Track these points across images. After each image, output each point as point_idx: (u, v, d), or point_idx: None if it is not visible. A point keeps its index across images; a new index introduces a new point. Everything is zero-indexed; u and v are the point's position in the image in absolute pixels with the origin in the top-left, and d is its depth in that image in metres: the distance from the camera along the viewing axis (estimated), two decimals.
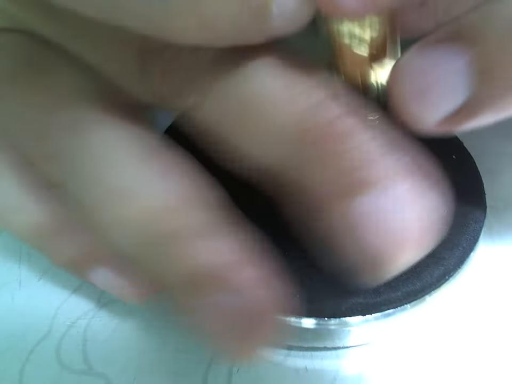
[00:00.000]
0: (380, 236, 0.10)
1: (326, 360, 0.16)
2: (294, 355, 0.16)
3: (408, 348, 0.16)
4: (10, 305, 0.17)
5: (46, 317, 0.17)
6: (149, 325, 0.17)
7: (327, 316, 0.15)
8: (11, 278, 0.18)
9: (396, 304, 0.15)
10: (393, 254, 0.10)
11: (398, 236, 0.10)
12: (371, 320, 0.15)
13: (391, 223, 0.10)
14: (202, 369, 0.16)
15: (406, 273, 0.15)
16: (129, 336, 0.17)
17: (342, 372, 0.16)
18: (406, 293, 0.15)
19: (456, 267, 0.16)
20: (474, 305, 0.17)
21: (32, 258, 0.19)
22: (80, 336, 0.17)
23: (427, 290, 0.15)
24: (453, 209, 0.17)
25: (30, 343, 0.16)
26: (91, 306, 0.17)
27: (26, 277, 0.18)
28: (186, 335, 0.17)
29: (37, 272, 0.18)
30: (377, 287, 0.15)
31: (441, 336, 0.17)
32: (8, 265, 0.19)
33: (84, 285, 0.18)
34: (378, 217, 0.10)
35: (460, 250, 0.16)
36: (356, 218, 0.10)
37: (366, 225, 0.10)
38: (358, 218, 0.10)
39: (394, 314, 0.15)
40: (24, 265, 0.19)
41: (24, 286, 0.18)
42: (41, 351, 0.16)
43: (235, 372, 0.16)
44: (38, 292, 0.18)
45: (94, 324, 0.17)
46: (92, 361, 0.16)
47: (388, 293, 0.15)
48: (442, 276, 0.15)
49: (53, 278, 0.18)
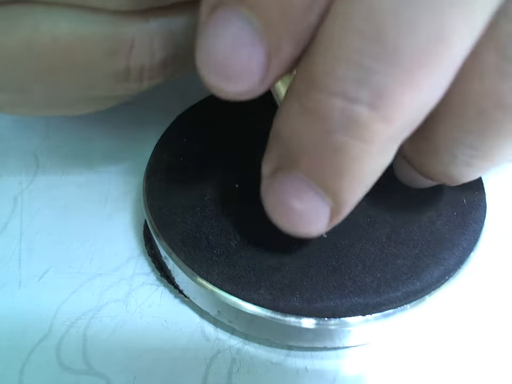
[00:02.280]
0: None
1: (326, 360, 0.16)
2: (294, 355, 0.16)
3: (408, 348, 0.16)
4: (10, 305, 0.17)
5: (46, 317, 0.17)
6: (149, 325, 0.17)
7: (327, 316, 0.15)
8: (11, 278, 0.18)
9: (396, 304, 0.15)
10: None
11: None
12: (371, 320, 0.15)
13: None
14: (202, 369, 0.16)
15: (406, 273, 0.15)
16: (129, 336, 0.17)
17: (342, 372, 0.16)
18: (406, 293, 0.15)
19: (456, 267, 0.16)
20: (474, 305, 0.17)
21: (32, 258, 0.19)
22: (80, 336, 0.17)
23: (427, 290, 0.15)
24: (453, 209, 0.17)
25: (30, 343, 0.16)
26: (91, 306, 0.17)
27: (26, 277, 0.18)
28: (186, 335, 0.17)
29: (37, 272, 0.18)
30: (377, 287, 0.15)
31: (441, 336, 0.17)
32: (8, 265, 0.19)
33: (84, 285, 0.18)
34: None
35: (460, 250, 0.16)
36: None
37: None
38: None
39: (394, 314, 0.15)
40: (24, 265, 0.19)
41: (24, 286, 0.18)
42: (41, 351, 0.16)
43: (235, 372, 0.16)
44: (38, 292, 0.18)
45: (94, 324, 0.17)
46: (91, 361, 0.16)
47: (388, 293, 0.15)
48: (442, 276, 0.15)
49: (53, 278, 0.18)
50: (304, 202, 0.11)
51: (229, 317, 0.16)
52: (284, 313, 0.15)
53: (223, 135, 0.20)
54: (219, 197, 0.17)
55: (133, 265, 0.19)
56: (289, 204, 0.11)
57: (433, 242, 0.16)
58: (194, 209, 0.17)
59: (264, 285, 0.15)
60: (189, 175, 0.18)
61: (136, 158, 0.22)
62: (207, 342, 0.16)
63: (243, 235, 0.16)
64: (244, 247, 0.16)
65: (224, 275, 0.15)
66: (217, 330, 0.17)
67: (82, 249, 0.19)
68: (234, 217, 0.17)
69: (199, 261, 0.16)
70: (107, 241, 0.19)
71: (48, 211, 0.20)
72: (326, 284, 0.15)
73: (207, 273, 0.15)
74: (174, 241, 0.16)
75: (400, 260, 0.16)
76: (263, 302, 0.15)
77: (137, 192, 0.21)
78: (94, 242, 0.19)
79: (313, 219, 0.12)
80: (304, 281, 0.15)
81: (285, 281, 0.15)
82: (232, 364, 0.16)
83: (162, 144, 0.20)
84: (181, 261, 0.16)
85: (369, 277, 0.15)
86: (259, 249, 0.16)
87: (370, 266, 0.15)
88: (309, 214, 0.11)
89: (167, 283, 0.18)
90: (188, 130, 0.20)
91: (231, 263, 0.16)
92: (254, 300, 0.15)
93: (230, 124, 0.20)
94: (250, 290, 0.15)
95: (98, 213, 0.20)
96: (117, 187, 0.21)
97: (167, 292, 0.18)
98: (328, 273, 0.15)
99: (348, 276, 0.15)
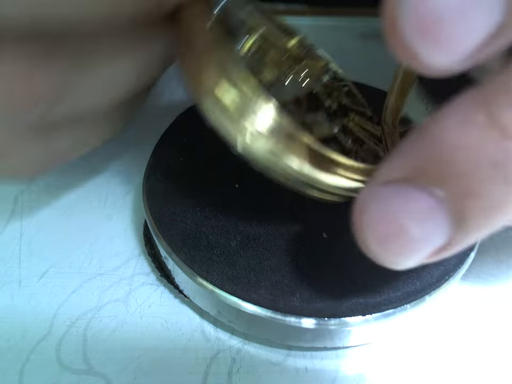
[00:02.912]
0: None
1: (326, 360, 0.16)
2: (294, 355, 0.16)
3: (408, 348, 0.16)
4: (10, 305, 0.17)
5: (46, 317, 0.17)
6: (149, 324, 0.17)
7: (327, 316, 0.15)
8: (11, 278, 0.18)
9: (396, 304, 0.15)
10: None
11: None
12: (371, 320, 0.15)
13: None
14: (202, 369, 0.16)
15: (406, 273, 0.15)
16: (129, 336, 0.17)
17: (342, 372, 0.16)
18: (406, 293, 0.15)
19: (456, 267, 0.16)
20: (474, 305, 0.17)
21: (32, 258, 0.19)
22: (80, 336, 0.17)
23: (427, 290, 0.15)
24: None
25: (30, 343, 0.16)
26: (91, 306, 0.17)
27: (26, 277, 0.18)
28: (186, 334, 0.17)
29: (37, 272, 0.18)
30: (377, 287, 0.15)
31: (441, 336, 0.17)
32: (8, 265, 0.19)
33: (84, 285, 0.18)
34: None
35: (460, 250, 0.16)
36: None
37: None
38: None
39: (394, 314, 0.15)
40: (24, 265, 0.19)
41: (24, 286, 0.18)
42: (41, 351, 0.16)
43: (235, 372, 0.16)
44: (38, 292, 0.18)
45: (94, 324, 0.17)
46: (92, 361, 0.16)
47: (388, 293, 0.15)
48: (442, 276, 0.15)
49: (53, 278, 0.18)
50: (423, 228, 0.09)
51: (229, 317, 0.16)
52: (284, 313, 0.15)
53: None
54: (219, 197, 0.18)
55: (133, 265, 0.19)
56: (401, 223, 0.09)
57: None
58: (194, 209, 0.17)
59: (264, 285, 0.15)
60: (188, 175, 0.18)
61: (136, 158, 0.22)
62: (207, 342, 0.16)
63: (243, 235, 0.16)
64: (243, 247, 0.16)
65: (224, 275, 0.15)
66: (217, 330, 0.17)
67: (82, 249, 0.19)
68: (234, 217, 0.17)
69: (199, 261, 0.16)
70: (107, 241, 0.19)
71: (48, 211, 0.20)
72: (326, 284, 0.15)
73: (207, 273, 0.15)
74: (174, 241, 0.16)
75: None
76: (263, 302, 0.15)
77: (137, 192, 0.21)
78: (94, 242, 0.19)
79: (418, 248, 0.10)
80: (304, 281, 0.15)
81: (285, 281, 0.15)
82: (232, 363, 0.16)
83: (162, 144, 0.20)
84: (181, 261, 0.16)
85: (369, 277, 0.15)
86: (259, 249, 0.16)
87: (370, 266, 0.15)
88: (419, 242, 0.10)
89: (167, 283, 0.18)
90: (188, 130, 0.20)
91: (231, 263, 0.16)
92: (254, 300, 0.15)
93: None
94: (250, 290, 0.15)
95: (98, 213, 0.20)
96: (117, 187, 0.21)
97: (167, 292, 0.18)
98: (328, 273, 0.15)
99: (348, 276, 0.15)
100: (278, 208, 0.17)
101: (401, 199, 0.09)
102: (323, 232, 0.16)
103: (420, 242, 0.10)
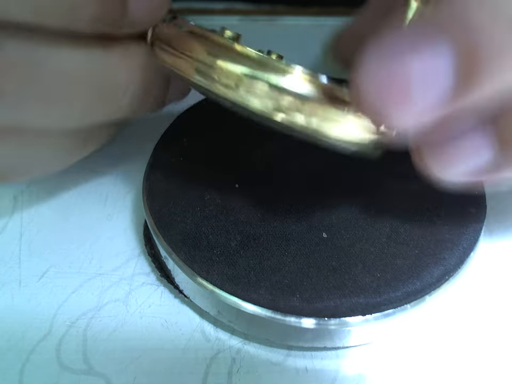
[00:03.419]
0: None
1: (326, 360, 0.16)
2: (294, 355, 0.16)
3: (408, 348, 0.16)
4: (10, 305, 0.17)
5: (46, 317, 0.17)
6: (149, 324, 0.17)
7: (327, 316, 0.15)
8: (11, 278, 0.18)
9: (396, 304, 0.15)
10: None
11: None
12: (371, 320, 0.15)
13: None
14: (202, 369, 0.16)
15: (406, 273, 0.15)
16: (129, 336, 0.17)
17: (342, 372, 0.16)
18: (406, 293, 0.15)
19: (456, 267, 0.16)
20: (474, 305, 0.17)
21: (32, 258, 0.19)
22: (80, 336, 0.17)
23: (427, 290, 0.15)
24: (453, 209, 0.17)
25: (30, 343, 0.16)
26: (91, 306, 0.17)
27: (26, 277, 0.18)
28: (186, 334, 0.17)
29: (37, 272, 0.18)
30: (377, 287, 0.15)
31: (441, 336, 0.17)
32: (8, 265, 0.19)
33: (84, 285, 0.18)
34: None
35: (460, 250, 0.16)
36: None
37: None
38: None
39: (394, 314, 0.15)
40: (24, 265, 0.19)
41: (24, 286, 0.18)
42: (41, 351, 0.16)
43: (235, 372, 0.16)
44: (38, 292, 0.18)
45: (94, 324, 0.17)
46: (91, 361, 0.16)
47: (388, 293, 0.15)
48: (442, 276, 0.15)
49: (53, 278, 0.18)
50: (424, 64, 0.09)
51: (229, 317, 0.16)
52: (284, 313, 0.15)
53: (222, 135, 0.20)
54: (219, 197, 0.18)
55: (133, 265, 0.19)
56: (403, 60, 0.09)
57: (433, 242, 0.16)
58: (194, 209, 0.17)
59: (264, 285, 0.15)
60: (188, 175, 0.18)
61: (136, 158, 0.22)
62: (207, 342, 0.16)
63: (243, 235, 0.16)
64: (243, 247, 0.16)
65: (224, 275, 0.15)
66: (217, 330, 0.17)
67: (82, 249, 0.19)
68: (234, 217, 0.17)
69: (199, 261, 0.16)
70: (107, 241, 0.19)
71: (48, 211, 0.20)
72: (326, 284, 0.15)
73: (207, 273, 0.15)
74: (174, 241, 0.16)
75: (400, 259, 0.16)
76: (263, 302, 0.15)
77: (137, 192, 0.21)
78: (94, 242, 0.19)
79: (422, 94, 0.09)
80: (304, 281, 0.15)
81: (285, 281, 0.15)
82: (232, 364, 0.16)
83: (162, 144, 0.20)
84: (181, 261, 0.16)
85: (369, 277, 0.15)
86: (259, 249, 0.16)
87: (370, 266, 0.15)
88: (421, 85, 0.09)
89: (167, 283, 0.18)
90: (188, 130, 0.20)
91: (231, 263, 0.16)
92: (254, 300, 0.15)
93: (230, 124, 0.20)
94: (250, 290, 0.15)
95: (98, 213, 0.20)
96: (117, 187, 0.21)
97: (167, 292, 0.18)
98: (328, 273, 0.15)
99: (348, 276, 0.15)
100: (278, 208, 0.17)
101: (406, 45, 0.09)
102: (323, 232, 0.16)
103: (422, 84, 0.09)
